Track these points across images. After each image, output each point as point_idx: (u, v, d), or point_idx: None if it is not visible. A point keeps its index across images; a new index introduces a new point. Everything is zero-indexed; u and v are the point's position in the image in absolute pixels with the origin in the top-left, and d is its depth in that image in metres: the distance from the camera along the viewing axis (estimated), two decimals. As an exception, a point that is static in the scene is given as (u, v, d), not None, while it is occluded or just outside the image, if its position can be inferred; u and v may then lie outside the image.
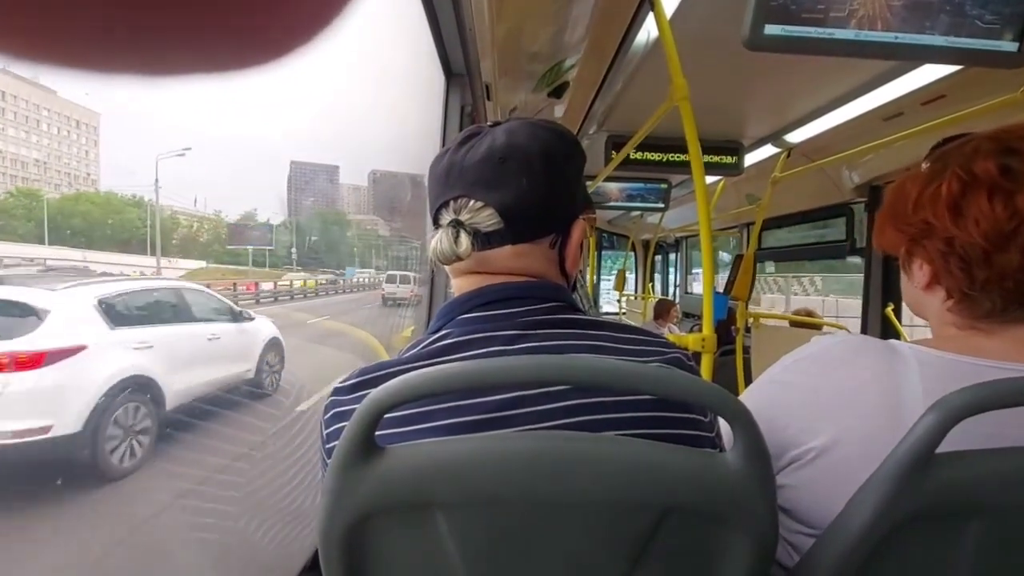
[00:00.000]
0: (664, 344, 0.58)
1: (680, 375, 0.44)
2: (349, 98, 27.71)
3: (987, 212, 0.53)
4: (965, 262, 0.55)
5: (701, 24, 1.54)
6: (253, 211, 7.70)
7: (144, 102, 6.44)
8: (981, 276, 0.54)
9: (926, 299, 0.61)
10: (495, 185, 0.56)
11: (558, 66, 1.99)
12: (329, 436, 0.56)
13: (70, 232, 4.81)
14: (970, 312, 0.57)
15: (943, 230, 0.56)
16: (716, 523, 0.44)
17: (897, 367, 0.54)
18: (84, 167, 5.28)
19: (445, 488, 0.44)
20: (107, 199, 5.54)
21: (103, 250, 5.25)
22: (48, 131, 4.75)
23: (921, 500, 0.45)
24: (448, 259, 0.56)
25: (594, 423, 0.50)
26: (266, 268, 7.13)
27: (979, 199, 0.54)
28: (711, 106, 2.18)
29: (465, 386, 0.44)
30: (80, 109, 5.14)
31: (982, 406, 0.43)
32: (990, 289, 0.54)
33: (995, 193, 0.53)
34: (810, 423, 0.57)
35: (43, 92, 4.73)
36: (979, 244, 0.54)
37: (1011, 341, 0.55)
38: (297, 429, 2.98)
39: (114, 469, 2.08)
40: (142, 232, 5.38)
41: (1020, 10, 1.03)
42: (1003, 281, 0.54)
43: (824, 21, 1.03)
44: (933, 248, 0.58)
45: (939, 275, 0.58)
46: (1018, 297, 0.54)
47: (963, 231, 0.54)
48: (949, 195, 0.56)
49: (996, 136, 0.56)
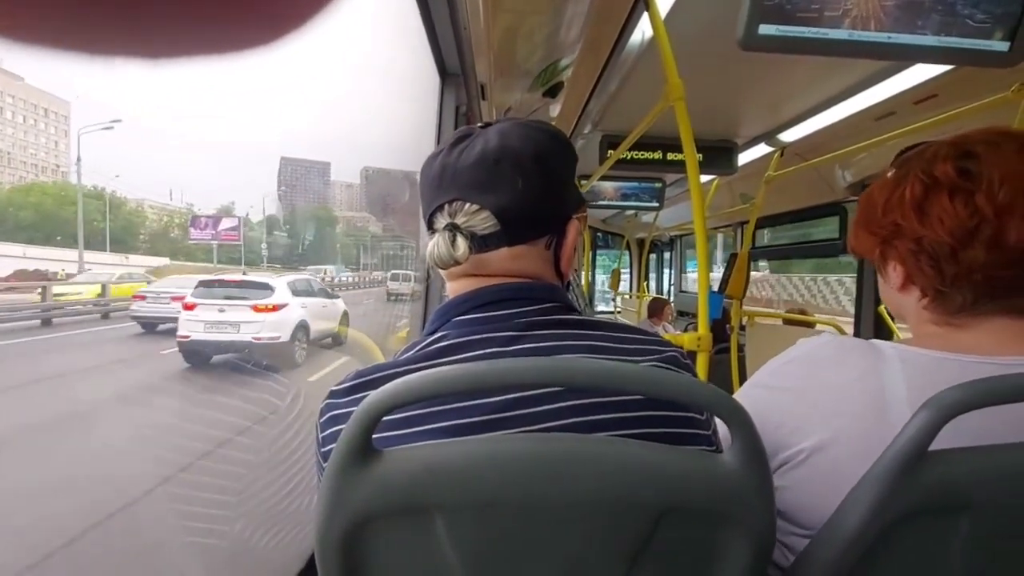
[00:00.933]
0: (660, 343, 0.58)
1: (675, 375, 0.44)
2: (343, 97, 27.72)
3: (949, 211, 0.56)
4: (934, 259, 0.57)
5: (696, 24, 1.54)
6: (231, 204, 7.59)
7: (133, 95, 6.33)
8: (950, 272, 0.57)
9: (903, 299, 0.63)
10: (490, 188, 0.55)
11: (553, 66, 1.99)
12: (325, 439, 0.55)
13: (14, 225, 4.62)
14: (944, 308, 0.59)
15: (911, 230, 0.59)
16: (714, 523, 0.45)
17: (880, 366, 0.56)
18: (53, 158, 5.15)
19: (443, 491, 0.44)
20: (61, 189, 5.32)
21: (58, 245, 5.05)
22: (13, 120, 4.60)
23: (914, 497, 0.46)
24: (446, 264, 0.56)
25: (592, 424, 0.50)
26: (241, 265, 6.95)
27: (941, 199, 0.57)
28: (705, 105, 2.19)
29: (463, 389, 0.44)
30: (49, 97, 5.02)
31: (974, 403, 0.44)
32: (960, 284, 0.57)
33: (955, 193, 0.56)
34: (800, 425, 0.58)
35: (6, 77, 4.57)
36: (945, 241, 0.56)
37: (986, 333, 0.57)
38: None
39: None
40: (101, 225, 5.23)
41: (1011, 10, 1.04)
42: (971, 275, 0.56)
43: (818, 21, 1.04)
44: (904, 248, 0.60)
45: (912, 274, 0.60)
46: (987, 290, 0.56)
47: (930, 230, 0.57)
48: (912, 197, 0.59)
49: (954, 142, 0.59)
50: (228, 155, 14.88)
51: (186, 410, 4.42)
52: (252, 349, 5.03)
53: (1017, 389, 0.44)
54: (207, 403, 4.48)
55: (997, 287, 0.56)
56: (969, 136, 0.59)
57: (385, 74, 13.01)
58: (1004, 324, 0.57)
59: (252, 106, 20.97)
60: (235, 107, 17.05)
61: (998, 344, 0.56)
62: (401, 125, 3.37)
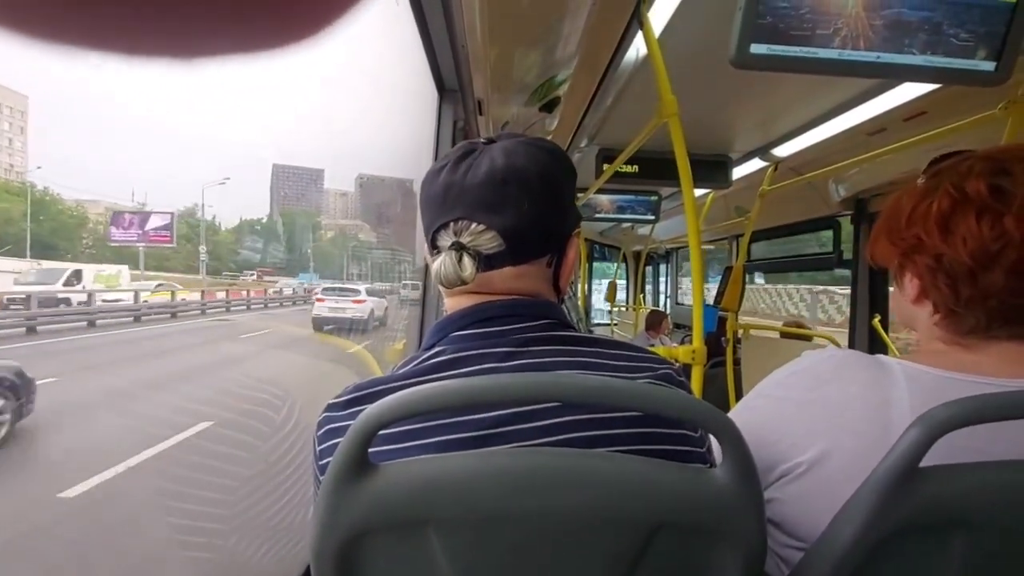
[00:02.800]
0: (655, 360, 0.58)
1: (667, 391, 0.45)
2: (340, 111, 27.83)
3: (975, 231, 0.54)
4: (951, 279, 0.56)
5: (689, 42, 1.57)
6: (194, 206, 7.38)
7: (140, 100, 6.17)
8: (966, 293, 0.55)
9: (916, 312, 0.62)
10: (497, 208, 0.56)
11: (550, 81, 2.01)
12: (322, 452, 0.56)
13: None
14: (955, 328, 0.58)
15: (932, 246, 0.57)
16: (705, 538, 0.45)
17: (885, 382, 0.55)
18: (7, 157, 4.90)
19: (438, 505, 0.45)
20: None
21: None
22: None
23: (907, 513, 0.46)
24: (452, 283, 0.56)
25: (587, 439, 0.50)
26: (202, 275, 6.58)
27: (968, 218, 0.55)
28: (700, 121, 2.22)
29: (459, 404, 0.44)
30: (3, 91, 4.79)
31: (965, 420, 0.44)
32: (974, 306, 0.55)
33: (984, 213, 0.54)
34: (800, 437, 0.57)
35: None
36: (965, 262, 0.54)
37: (995, 357, 0.56)
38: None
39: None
40: (21, 227, 4.84)
41: (996, 30, 1.06)
42: (987, 300, 0.55)
43: (808, 41, 1.06)
44: (922, 263, 0.58)
45: (927, 290, 0.59)
46: (1001, 315, 0.55)
47: (951, 248, 0.55)
48: (939, 212, 0.57)
49: (991, 156, 0.57)
50: (212, 159, 14.67)
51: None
52: (353, 322, 11.17)
53: (1008, 407, 0.45)
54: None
55: (1011, 313, 0.54)
56: (1008, 150, 0.57)
57: (381, 88, 12.97)
58: (1013, 348, 0.56)
59: (238, 109, 20.88)
60: (218, 110, 16.84)
61: (1005, 366, 0.55)
62: (399, 139, 3.41)
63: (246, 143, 17.64)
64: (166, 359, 6.66)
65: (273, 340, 10.57)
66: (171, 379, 5.60)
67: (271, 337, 10.87)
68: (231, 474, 3.24)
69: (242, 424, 4.24)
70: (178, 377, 5.74)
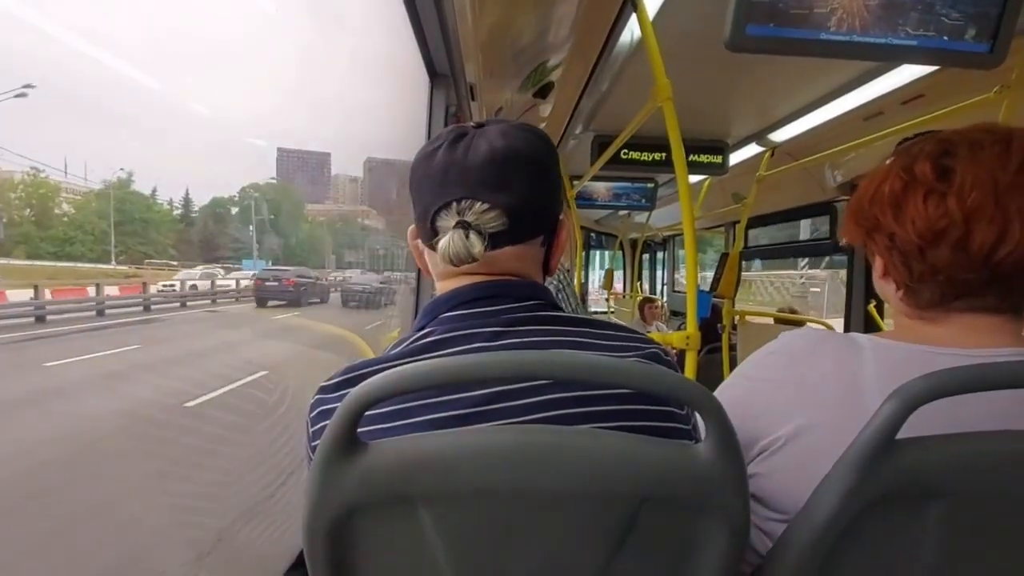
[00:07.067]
0: (643, 340, 0.59)
1: (652, 368, 0.45)
2: (330, 95, 27.40)
3: (921, 211, 0.57)
4: (904, 256, 0.59)
5: (684, 25, 1.56)
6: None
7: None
8: (918, 269, 0.58)
9: (885, 288, 0.65)
10: (501, 187, 0.56)
11: (542, 66, 2.00)
12: (314, 434, 0.56)
13: None
14: (915, 302, 0.61)
15: (887, 226, 0.60)
16: (690, 512, 0.46)
17: (855, 357, 0.57)
18: None
19: (427, 482, 0.45)
20: None
21: None
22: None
23: (884, 484, 0.47)
24: (462, 260, 0.56)
25: (574, 416, 0.51)
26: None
27: (916, 198, 0.57)
28: (695, 106, 2.21)
29: (444, 382, 0.44)
30: None
31: (940, 392, 0.45)
32: (926, 281, 0.58)
33: (930, 194, 0.57)
34: (778, 413, 0.59)
35: None
36: (914, 241, 0.57)
37: (956, 328, 0.59)
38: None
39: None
40: None
41: (990, 12, 1.06)
42: (936, 275, 0.57)
43: (804, 22, 1.05)
44: (881, 242, 0.62)
45: (888, 268, 0.62)
46: (952, 289, 0.57)
47: (901, 227, 0.58)
48: (891, 193, 0.60)
49: (941, 138, 0.60)
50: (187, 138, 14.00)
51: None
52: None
53: (980, 378, 0.46)
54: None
55: (961, 287, 0.57)
56: (956, 133, 0.59)
57: (371, 72, 12.72)
58: (971, 320, 0.58)
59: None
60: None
61: (965, 338, 0.58)
62: (390, 126, 3.38)
63: (228, 122, 17.04)
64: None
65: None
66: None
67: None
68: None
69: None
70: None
